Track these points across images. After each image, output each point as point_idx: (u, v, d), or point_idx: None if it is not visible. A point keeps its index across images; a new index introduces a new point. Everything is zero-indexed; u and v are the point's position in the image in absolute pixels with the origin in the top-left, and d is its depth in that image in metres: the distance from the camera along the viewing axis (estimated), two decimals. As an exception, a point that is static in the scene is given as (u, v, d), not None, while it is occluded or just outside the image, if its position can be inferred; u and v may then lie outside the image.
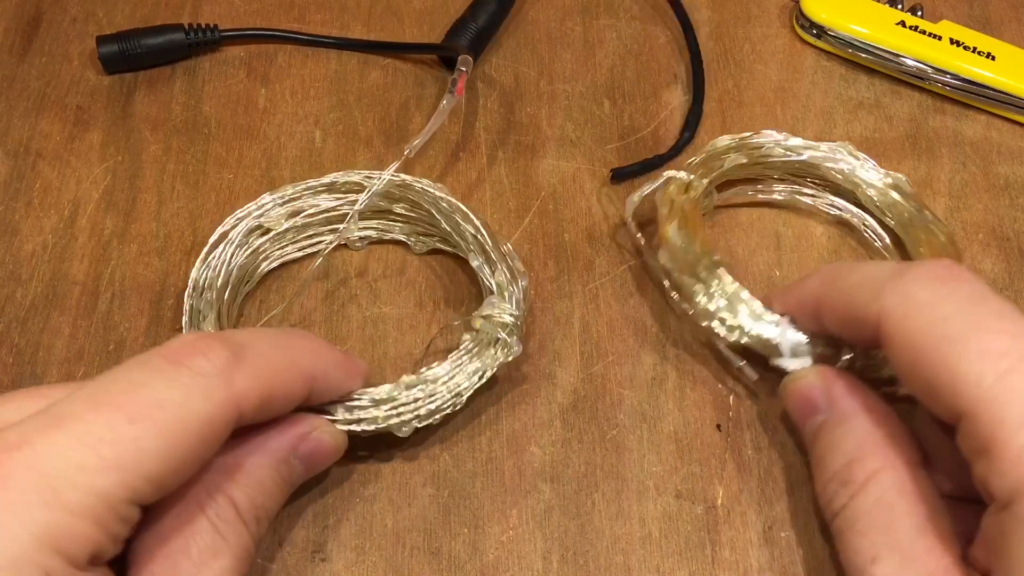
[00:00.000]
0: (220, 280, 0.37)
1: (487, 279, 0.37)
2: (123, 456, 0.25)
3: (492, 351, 0.35)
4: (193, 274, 0.37)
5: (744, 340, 0.36)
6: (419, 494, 0.35)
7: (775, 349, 0.35)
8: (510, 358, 0.35)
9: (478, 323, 0.36)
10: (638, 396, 0.38)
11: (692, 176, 0.39)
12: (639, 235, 0.40)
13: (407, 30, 0.48)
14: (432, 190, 0.39)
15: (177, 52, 0.46)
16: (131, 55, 0.45)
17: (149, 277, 0.40)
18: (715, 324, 0.36)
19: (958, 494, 0.31)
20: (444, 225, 0.38)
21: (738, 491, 0.35)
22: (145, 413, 0.26)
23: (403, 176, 0.39)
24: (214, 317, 0.36)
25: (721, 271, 0.37)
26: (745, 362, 0.36)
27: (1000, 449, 0.26)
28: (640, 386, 0.38)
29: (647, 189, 0.40)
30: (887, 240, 0.41)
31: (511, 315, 0.36)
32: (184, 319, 0.36)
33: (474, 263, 0.37)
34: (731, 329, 0.36)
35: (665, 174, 0.40)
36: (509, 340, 0.35)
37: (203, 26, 0.46)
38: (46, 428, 0.25)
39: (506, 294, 0.36)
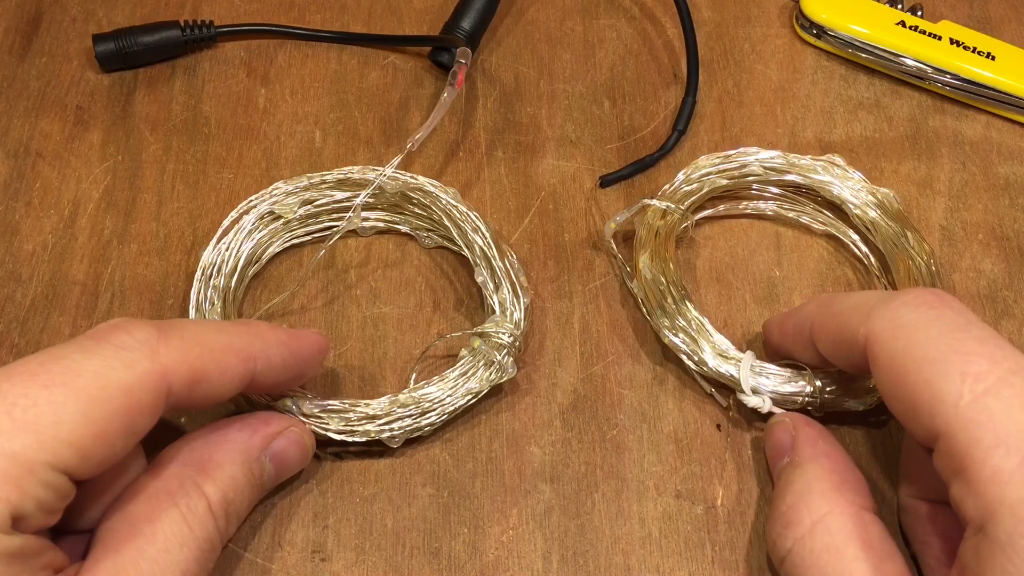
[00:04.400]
0: (229, 264, 0.38)
1: (490, 296, 0.37)
2: (37, 419, 0.25)
3: (487, 373, 0.35)
4: (204, 258, 0.38)
5: (707, 371, 0.36)
6: (419, 494, 0.35)
7: (737, 384, 0.36)
8: (504, 379, 0.36)
9: (476, 342, 0.36)
10: (638, 396, 0.38)
11: (668, 204, 0.40)
12: (619, 256, 0.40)
13: (407, 30, 0.48)
14: (445, 196, 0.39)
15: (174, 49, 0.45)
16: (128, 53, 0.45)
17: (149, 277, 0.40)
18: (682, 356, 0.37)
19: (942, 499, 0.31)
20: (454, 233, 0.39)
21: (738, 491, 0.35)
22: (60, 380, 0.26)
23: (419, 178, 0.40)
24: (220, 301, 0.37)
25: (688, 305, 0.37)
26: (713, 390, 0.37)
27: (975, 469, 0.26)
28: (640, 386, 0.38)
29: (624, 215, 0.40)
30: (873, 259, 0.41)
31: (510, 336, 0.36)
32: (192, 301, 0.37)
33: (478, 278, 0.37)
34: (697, 363, 0.36)
35: (642, 201, 0.40)
36: (504, 362, 0.36)
37: (199, 22, 0.45)
38: None
39: (508, 312, 0.37)
